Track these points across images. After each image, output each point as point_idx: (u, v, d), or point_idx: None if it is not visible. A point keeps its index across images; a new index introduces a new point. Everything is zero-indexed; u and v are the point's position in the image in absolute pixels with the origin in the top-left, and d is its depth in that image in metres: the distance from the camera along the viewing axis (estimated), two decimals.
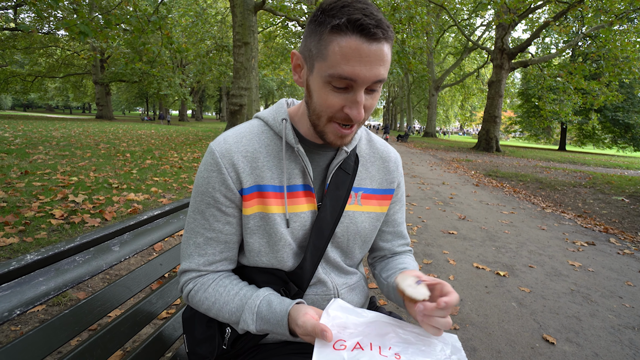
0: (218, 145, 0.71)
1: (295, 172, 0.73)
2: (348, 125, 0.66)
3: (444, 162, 11.58)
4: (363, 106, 0.62)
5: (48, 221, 2.95)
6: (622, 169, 13.76)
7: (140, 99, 42.61)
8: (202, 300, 0.72)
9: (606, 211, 5.56)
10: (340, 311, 0.63)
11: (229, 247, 0.75)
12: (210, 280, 0.73)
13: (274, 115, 0.75)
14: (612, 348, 1.92)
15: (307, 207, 0.74)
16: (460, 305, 2.27)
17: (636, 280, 2.88)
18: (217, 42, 16.89)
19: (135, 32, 6.69)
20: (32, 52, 24.17)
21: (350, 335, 0.57)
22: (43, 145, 7.39)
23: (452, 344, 0.57)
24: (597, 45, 13.63)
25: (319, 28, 0.60)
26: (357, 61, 0.57)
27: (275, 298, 0.68)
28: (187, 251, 0.74)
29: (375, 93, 0.64)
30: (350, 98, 0.61)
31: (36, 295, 0.63)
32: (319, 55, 0.60)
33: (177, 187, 4.76)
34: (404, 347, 0.55)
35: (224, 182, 0.69)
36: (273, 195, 0.71)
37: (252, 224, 0.72)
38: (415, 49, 10.64)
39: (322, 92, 0.63)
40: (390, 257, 0.89)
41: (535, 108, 23.23)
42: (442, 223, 4.19)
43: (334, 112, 0.64)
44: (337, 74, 0.58)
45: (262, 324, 0.66)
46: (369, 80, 0.59)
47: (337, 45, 0.57)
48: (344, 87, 0.60)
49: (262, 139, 0.73)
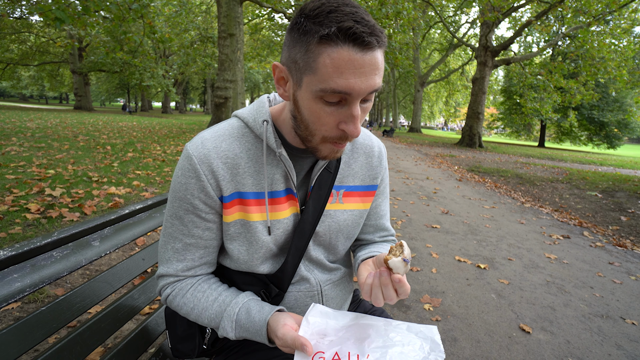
0: (196, 149, 0.65)
1: (277, 177, 0.69)
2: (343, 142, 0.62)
3: (428, 157, 11.76)
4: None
5: (23, 215, 2.84)
6: (597, 165, 14.35)
7: (122, 89, 41.20)
8: (180, 305, 0.71)
9: (581, 206, 5.80)
10: (320, 317, 0.63)
11: (208, 252, 0.73)
12: (189, 285, 0.72)
13: (255, 116, 0.69)
14: (583, 335, 2.02)
15: (290, 211, 0.72)
16: (442, 297, 2.33)
17: (606, 271, 3.03)
18: (202, 33, 16.46)
19: (116, 20, 6.44)
20: (3, 37, 22.91)
21: (330, 344, 0.58)
22: (17, 137, 7.07)
23: (431, 338, 0.59)
24: (575, 45, 14.08)
25: (304, 37, 0.54)
26: (351, 73, 0.52)
27: (254, 305, 0.67)
28: (165, 256, 0.72)
29: (369, 102, 0.59)
30: (345, 113, 0.57)
31: (10, 292, 0.61)
32: (307, 69, 0.54)
33: (160, 180, 4.65)
34: (382, 352, 0.56)
35: (203, 189, 0.66)
36: (254, 203, 0.68)
37: (232, 230, 0.70)
38: (402, 45, 10.68)
39: (313, 109, 0.57)
40: (372, 244, 0.88)
41: (517, 105, 23.83)
42: (425, 217, 4.28)
43: (329, 131, 0.59)
44: (329, 89, 0.53)
45: (241, 332, 0.66)
46: (364, 92, 0.54)
47: (327, 57, 0.52)
48: (337, 101, 0.56)
49: (243, 143, 0.68)
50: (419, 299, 2.29)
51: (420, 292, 2.38)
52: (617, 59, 13.24)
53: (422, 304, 2.23)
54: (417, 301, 2.26)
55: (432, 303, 2.24)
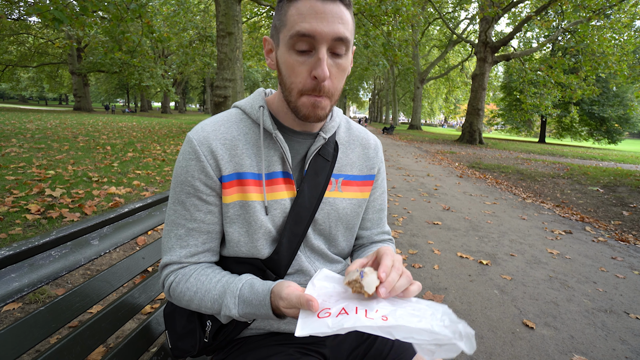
0: (196, 133, 0.70)
1: (274, 159, 0.72)
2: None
3: (429, 154, 11.74)
4: (329, 72, 0.63)
5: (23, 216, 2.84)
6: (598, 160, 14.31)
7: (121, 90, 41.15)
8: (183, 292, 0.70)
9: (582, 201, 5.78)
10: (326, 280, 0.61)
11: (211, 238, 0.73)
12: (192, 270, 0.71)
13: (252, 103, 0.75)
14: (587, 330, 2.01)
15: (287, 194, 0.73)
16: (444, 294, 2.33)
17: (609, 266, 3.02)
18: (201, 32, 16.40)
19: (114, 20, 6.41)
20: (1, 39, 22.88)
21: (337, 302, 0.56)
22: (17, 138, 7.07)
23: (442, 310, 0.56)
24: (575, 40, 14.01)
25: (280, 4, 0.64)
26: (313, 17, 0.59)
27: (257, 281, 0.67)
28: (168, 244, 0.72)
29: (341, 58, 0.64)
30: (314, 60, 0.62)
31: (8, 292, 0.60)
32: (281, 25, 0.64)
33: (160, 180, 4.65)
34: (391, 310, 0.53)
35: (203, 169, 0.68)
36: (252, 183, 0.70)
37: (231, 212, 0.71)
38: (401, 41, 10.65)
39: (288, 62, 0.63)
40: (368, 246, 0.89)
41: (517, 101, 23.74)
42: (427, 214, 4.27)
43: (303, 82, 0.63)
44: (295, 32, 0.60)
45: (245, 307, 0.65)
46: (328, 35, 0.60)
47: (294, 8, 0.61)
48: (306, 49, 0.61)
49: (241, 127, 0.73)
50: (422, 295, 2.28)
51: (422, 289, 2.37)
52: (617, 53, 13.17)
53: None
54: (419, 297, 2.25)
55: (435, 299, 2.24)
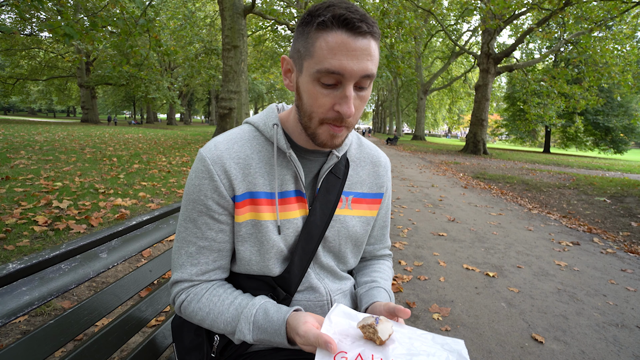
0: (209, 151, 0.69)
1: (287, 177, 0.72)
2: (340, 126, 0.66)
3: (433, 165, 11.72)
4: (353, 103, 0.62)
5: (31, 228, 2.86)
6: (604, 170, 14.18)
7: (128, 102, 41.86)
8: (195, 311, 0.70)
9: (589, 212, 5.71)
10: (343, 317, 0.62)
11: (222, 256, 0.73)
12: (204, 289, 0.71)
13: (265, 121, 0.74)
14: (598, 345, 1.96)
15: (299, 212, 0.73)
16: (451, 307, 2.29)
17: (619, 278, 2.96)
18: (206, 46, 16.76)
19: (123, 34, 6.59)
20: (14, 54, 23.53)
21: (352, 344, 0.56)
22: (25, 150, 7.18)
23: (458, 351, 0.56)
24: (578, 51, 14.08)
25: (306, 28, 0.61)
26: (344, 55, 0.57)
27: (271, 306, 0.67)
28: (179, 261, 0.72)
29: (364, 92, 0.63)
30: (339, 94, 0.61)
31: (19, 305, 0.61)
32: (306, 54, 0.61)
33: (165, 191, 4.68)
34: (407, 359, 0.54)
35: (216, 189, 0.68)
36: (265, 202, 0.70)
37: (243, 231, 0.71)
38: (404, 53, 10.77)
39: (311, 92, 0.62)
40: (369, 260, 0.92)
41: (521, 111, 23.78)
42: (432, 225, 4.24)
43: (325, 112, 0.63)
44: (324, 69, 0.58)
45: (259, 333, 0.65)
46: (357, 74, 0.59)
47: (323, 41, 0.58)
48: (332, 83, 0.60)
49: (254, 145, 0.72)
50: (428, 308, 2.25)
51: (428, 302, 2.34)
52: (620, 63, 13.20)
53: (430, 313, 2.19)
54: (425, 310, 2.22)
55: (441, 312, 2.20)
